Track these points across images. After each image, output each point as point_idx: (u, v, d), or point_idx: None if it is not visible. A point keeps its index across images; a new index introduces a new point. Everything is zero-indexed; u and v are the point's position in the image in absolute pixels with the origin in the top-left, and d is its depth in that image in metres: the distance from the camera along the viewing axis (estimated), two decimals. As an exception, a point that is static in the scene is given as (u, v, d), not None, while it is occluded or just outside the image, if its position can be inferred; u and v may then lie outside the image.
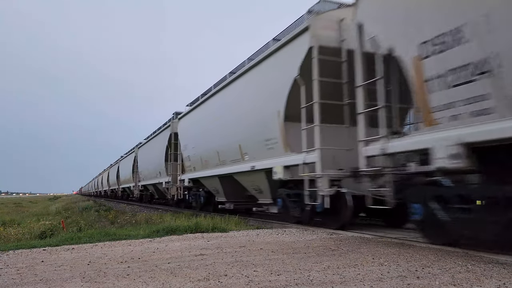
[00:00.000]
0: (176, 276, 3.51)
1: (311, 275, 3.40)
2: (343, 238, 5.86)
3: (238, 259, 4.26)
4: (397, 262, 3.92)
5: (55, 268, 4.07)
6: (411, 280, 3.18)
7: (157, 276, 3.53)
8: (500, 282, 3.08)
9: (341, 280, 3.21)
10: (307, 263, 3.92)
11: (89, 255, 4.83)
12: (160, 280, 3.36)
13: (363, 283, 3.11)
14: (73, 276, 3.62)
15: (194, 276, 3.48)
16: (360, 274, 3.41)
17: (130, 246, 5.52)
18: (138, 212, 14.97)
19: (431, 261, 3.93)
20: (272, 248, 4.93)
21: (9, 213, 20.85)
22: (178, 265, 3.98)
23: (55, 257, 4.79)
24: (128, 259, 4.41)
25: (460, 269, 3.54)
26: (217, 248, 5.09)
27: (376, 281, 3.18)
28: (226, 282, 3.25)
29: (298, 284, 3.12)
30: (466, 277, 3.26)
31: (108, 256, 4.66)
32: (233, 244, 5.44)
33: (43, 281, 3.50)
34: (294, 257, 4.30)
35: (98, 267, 4.00)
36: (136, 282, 3.32)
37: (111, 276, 3.56)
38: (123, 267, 3.98)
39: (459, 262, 3.85)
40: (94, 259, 4.51)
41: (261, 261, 4.08)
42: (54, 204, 31.59)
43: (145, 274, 3.61)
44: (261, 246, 5.12)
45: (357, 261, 4.00)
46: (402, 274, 3.40)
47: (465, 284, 3.05)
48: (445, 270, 3.52)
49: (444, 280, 3.17)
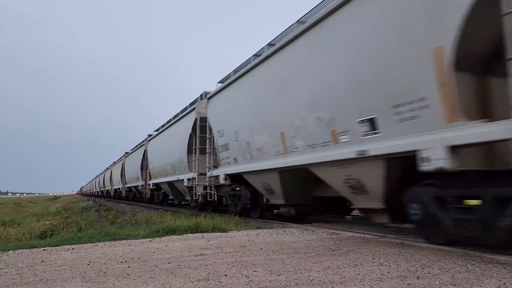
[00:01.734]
0: (176, 276, 3.51)
1: (311, 275, 3.40)
2: (343, 238, 5.86)
3: (238, 259, 4.26)
4: (397, 262, 3.91)
5: (55, 268, 4.07)
6: (411, 280, 3.18)
7: (157, 276, 3.53)
8: (500, 282, 3.08)
9: (341, 280, 3.21)
10: (307, 263, 3.92)
11: (89, 255, 4.83)
12: (160, 280, 3.36)
13: (363, 283, 3.11)
14: (73, 276, 3.62)
15: (194, 276, 3.48)
16: (360, 274, 3.41)
17: (130, 246, 5.52)
18: (138, 212, 14.96)
19: (431, 261, 3.93)
20: (272, 248, 4.93)
21: (9, 213, 20.85)
22: (178, 265, 3.98)
23: (55, 257, 4.79)
24: (128, 259, 4.41)
25: (460, 269, 3.54)
26: (217, 248, 5.09)
27: (376, 281, 3.18)
28: (226, 282, 3.25)
29: (298, 284, 3.12)
30: (466, 277, 3.26)
31: (108, 256, 4.66)
32: (233, 244, 5.44)
33: (43, 281, 3.50)
34: (294, 257, 4.30)
35: (98, 267, 4.00)
36: (136, 282, 3.32)
37: (111, 276, 3.56)
38: (123, 267, 3.98)
39: (459, 262, 3.85)
40: (94, 259, 4.52)
41: (261, 261, 4.08)
42: (54, 204, 31.57)
43: (145, 274, 3.61)
44: (261, 246, 5.12)
45: (357, 261, 4.00)
46: (402, 274, 3.40)
47: (465, 284, 3.05)
48: (445, 270, 3.52)
49: (444, 280, 3.17)
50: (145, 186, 21.81)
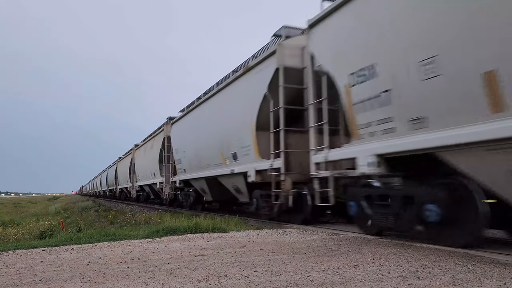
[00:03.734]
0: (176, 276, 3.50)
1: (311, 276, 3.39)
2: (344, 238, 5.85)
3: (238, 259, 4.25)
4: (398, 262, 3.91)
5: (55, 268, 4.06)
6: (411, 281, 3.17)
7: (156, 276, 3.52)
8: (501, 283, 3.07)
9: (342, 281, 3.21)
10: (307, 264, 3.91)
11: (89, 255, 4.82)
12: (159, 281, 3.35)
13: (364, 284, 3.10)
14: (73, 277, 3.61)
15: (194, 276, 3.47)
16: (360, 275, 3.40)
17: (129, 246, 5.50)
18: (138, 212, 14.95)
19: (431, 261, 3.93)
20: (272, 249, 4.92)
21: (9, 213, 20.84)
22: (178, 266, 3.97)
23: (54, 257, 4.78)
24: (127, 260, 4.40)
25: (460, 270, 3.53)
26: (217, 248, 5.08)
27: (377, 281, 3.17)
28: (226, 282, 3.24)
29: (298, 285, 3.11)
30: (466, 277, 3.25)
31: (108, 257, 4.65)
32: (233, 244, 5.43)
33: (43, 281, 3.48)
34: (294, 257, 4.29)
35: (98, 268, 3.98)
36: (135, 283, 3.30)
37: (110, 277, 3.55)
38: (122, 267, 3.97)
39: (460, 262, 3.85)
40: (94, 259, 4.50)
41: (261, 262, 4.07)
42: (54, 204, 31.55)
43: (145, 275, 3.60)
44: (261, 247, 5.11)
45: (358, 261, 3.99)
46: (402, 274, 3.39)
47: (466, 284, 3.04)
48: (445, 270, 3.52)
49: (445, 280, 3.16)
50: (133, 188, 26.24)
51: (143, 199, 25.61)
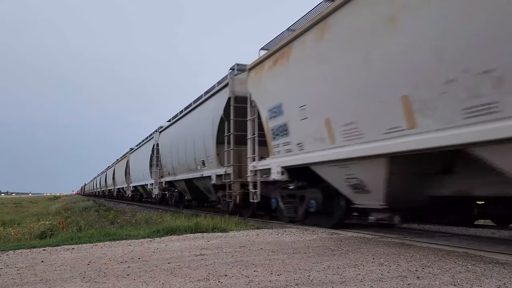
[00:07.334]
0: (176, 276, 3.51)
1: (311, 275, 3.40)
2: (343, 238, 5.86)
3: (238, 259, 4.26)
4: (397, 262, 3.91)
5: (55, 268, 4.07)
6: (411, 280, 3.17)
7: (157, 276, 3.53)
8: (501, 282, 3.08)
9: (341, 280, 3.21)
10: (307, 263, 3.92)
11: (89, 255, 4.83)
12: (160, 280, 3.35)
13: (363, 283, 3.11)
14: (73, 276, 3.61)
15: (194, 276, 3.48)
16: (360, 274, 3.41)
17: (130, 246, 5.51)
18: (138, 212, 14.97)
19: (431, 261, 3.93)
20: (272, 248, 4.93)
21: (9, 213, 20.85)
22: (178, 265, 3.98)
23: (55, 257, 4.79)
24: (128, 259, 4.41)
25: (460, 269, 3.54)
26: (217, 248, 5.09)
27: (376, 281, 3.18)
28: (226, 282, 3.24)
29: (298, 284, 3.12)
30: (466, 277, 3.26)
31: (108, 256, 4.66)
32: (233, 244, 5.43)
33: (43, 281, 3.49)
34: (294, 257, 4.30)
35: (98, 267, 3.99)
36: (136, 282, 3.31)
37: (111, 276, 3.56)
38: (123, 267, 3.98)
39: (459, 262, 3.85)
40: (94, 259, 4.51)
41: (261, 261, 4.08)
42: (54, 204, 31.58)
43: (145, 274, 3.60)
44: (261, 246, 5.12)
45: (357, 261, 4.00)
46: (402, 274, 3.40)
47: (465, 284, 3.04)
48: (445, 270, 3.52)
49: (444, 280, 3.17)
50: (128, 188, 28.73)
51: (137, 198, 28.42)
